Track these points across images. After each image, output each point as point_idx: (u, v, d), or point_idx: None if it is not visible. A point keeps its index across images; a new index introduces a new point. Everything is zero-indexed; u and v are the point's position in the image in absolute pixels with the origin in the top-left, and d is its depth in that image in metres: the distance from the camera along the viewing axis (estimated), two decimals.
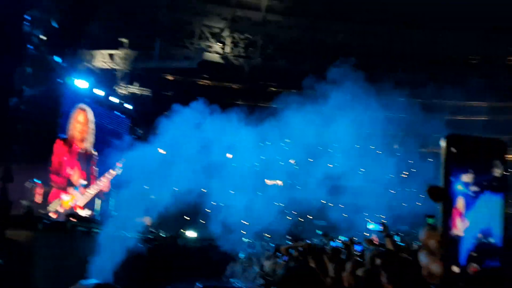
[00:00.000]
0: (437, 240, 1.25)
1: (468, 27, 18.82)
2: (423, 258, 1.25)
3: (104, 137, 15.13)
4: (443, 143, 1.29)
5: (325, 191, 9.40)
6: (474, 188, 1.22)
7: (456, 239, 1.30)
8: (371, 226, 5.21)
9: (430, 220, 3.66)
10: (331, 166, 9.72)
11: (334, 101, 9.05)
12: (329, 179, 9.46)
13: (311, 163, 9.79)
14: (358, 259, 5.18)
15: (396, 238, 6.29)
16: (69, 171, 13.39)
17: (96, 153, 14.40)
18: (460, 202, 1.27)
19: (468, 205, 1.22)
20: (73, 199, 13.34)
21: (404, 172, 10.69)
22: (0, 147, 8.93)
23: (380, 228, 5.02)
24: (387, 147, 9.91)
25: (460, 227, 1.23)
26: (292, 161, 10.68)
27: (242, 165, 9.89)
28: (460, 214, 1.24)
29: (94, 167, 14.24)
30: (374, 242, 5.51)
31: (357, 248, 6.05)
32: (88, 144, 14.37)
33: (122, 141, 15.16)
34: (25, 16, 12.80)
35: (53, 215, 11.81)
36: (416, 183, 9.95)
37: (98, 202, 14.12)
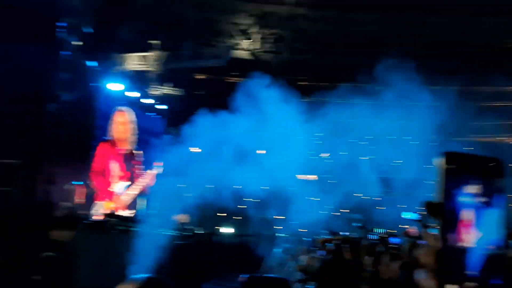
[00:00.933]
0: (434, 256, 1.27)
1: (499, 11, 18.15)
2: (421, 275, 1.27)
3: (143, 138, 15.55)
4: (440, 160, 1.33)
5: (361, 184, 9.31)
6: (481, 199, 1.24)
7: (457, 254, 1.31)
8: (407, 215, 5.13)
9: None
10: (366, 158, 9.61)
11: (368, 93, 8.96)
12: (365, 172, 9.35)
13: (344, 156, 9.70)
14: (395, 251, 5.11)
15: (434, 231, 6.17)
16: (112, 172, 13.88)
17: (139, 152, 14.90)
18: (467, 214, 1.28)
19: (479, 216, 1.24)
20: (116, 201, 13.80)
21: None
22: (41, 151, 9.27)
23: (417, 217, 4.94)
24: (424, 137, 9.71)
25: (468, 239, 1.24)
26: (325, 155, 10.61)
27: (276, 160, 9.89)
28: (468, 226, 1.26)
29: (137, 167, 14.72)
30: (410, 234, 5.43)
31: (395, 240, 5.97)
32: (130, 144, 14.87)
33: (159, 140, 15.46)
34: (60, 23, 13.20)
35: (96, 217, 12.22)
36: None
37: (140, 202, 14.53)
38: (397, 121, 9.30)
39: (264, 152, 10.05)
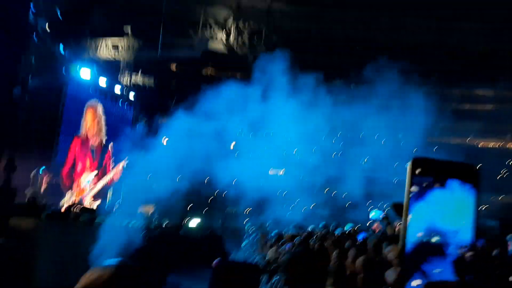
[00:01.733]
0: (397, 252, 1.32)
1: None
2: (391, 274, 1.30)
3: (111, 128, 15.35)
4: (409, 165, 1.39)
5: (330, 179, 9.37)
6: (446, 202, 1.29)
7: (421, 251, 1.37)
8: (372, 214, 5.18)
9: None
10: (336, 154, 9.69)
11: (344, 93, 9.04)
12: (334, 168, 9.42)
13: (314, 151, 9.74)
14: (361, 247, 5.14)
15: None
16: (82, 164, 13.83)
17: (108, 144, 14.79)
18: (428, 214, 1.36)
19: (443, 216, 1.31)
20: (83, 192, 13.73)
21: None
22: (4, 136, 8.94)
23: (382, 216, 4.99)
24: (390, 136, 9.86)
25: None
26: (295, 150, 10.64)
27: (245, 154, 9.87)
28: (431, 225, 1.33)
29: (107, 158, 14.65)
30: (376, 230, 5.49)
31: (362, 235, 6.02)
32: (101, 137, 14.80)
33: (128, 131, 15.28)
34: (30, 7, 12.75)
35: (62, 207, 12.04)
36: None
37: (109, 193, 14.41)
38: (375, 121, 9.41)
39: (234, 144, 10.01)
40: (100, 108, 15.58)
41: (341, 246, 5.21)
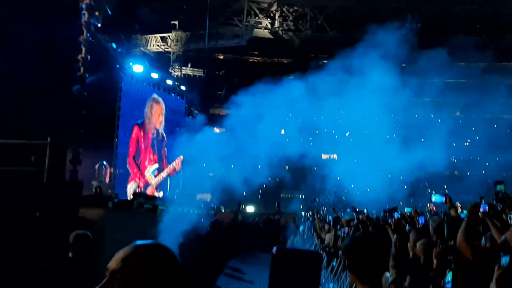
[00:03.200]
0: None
1: None
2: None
3: (167, 121, 15.93)
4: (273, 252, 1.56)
5: (385, 163, 9.25)
6: None
7: None
8: (434, 198, 5.06)
9: (499, 187, 3.52)
10: (389, 137, 9.52)
11: (388, 70, 8.82)
12: (389, 151, 9.28)
13: (367, 135, 9.63)
14: (422, 230, 5.09)
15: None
16: (144, 155, 14.54)
17: (166, 136, 15.42)
18: None
19: None
20: (149, 181, 14.45)
21: (468, 140, 10.27)
22: (68, 132, 9.45)
23: (443, 199, 4.90)
24: (449, 115, 9.55)
25: None
26: (347, 134, 10.56)
27: (297, 141, 9.90)
28: None
29: (165, 149, 15.29)
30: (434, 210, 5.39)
31: (421, 220, 5.94)
32: (161, 130, 15.47)
33: (183, 123, 15.71)
34: (81, 5, 13.26)
35: (130, 195, 12.71)
36: (480, 150, 9.57)
37: (169, 183, 15.05)
38: (420, 98, 9.13)
39: (284, 132, 10.06)
40: (161, 102, 16.25)
41: (400, 229, 5.18)
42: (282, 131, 10.40)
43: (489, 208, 3.23)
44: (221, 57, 22.12)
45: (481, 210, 3.29)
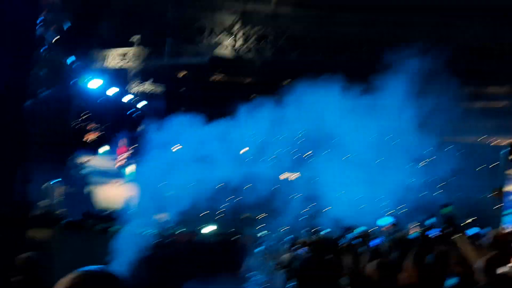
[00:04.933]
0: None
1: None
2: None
3: (121, 138, 15.66)
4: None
5: (338, 183, 9.37)
6: None
7: None
8: (381, 221, 5.14)
9: (444, 210, 3.63)
10: (346, 157, 9.67)
11: (352, 94, 9.06)
12: (344, 171, 9.42)
13: (325, 155, 9.74)
14: (375, 251, 5.15)
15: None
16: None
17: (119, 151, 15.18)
18: None
19: None
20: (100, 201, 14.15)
21: (420, 162, 10.57)
22: (17, 149, 9.07)
23: (392, 222, 4.99)
24: (402, 139, 9.80)
25: None
26: (308, 153, 10.65)
27: (259, 159, 9.90)
28: None
29: (120, 166, 15.07)
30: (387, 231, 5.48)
31: (375, 242, 5.99)
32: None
33: (139, 140, 15.45)
34: (38, 20, 12.95)
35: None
36: (432, 173, 9.85)
37: (123, 202, 14.75)
38: (381, 121, 9.37)
39: (246, 150, 10.05)
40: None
41: (354, 251, 5.23)
42: (242, 151, 10.39)
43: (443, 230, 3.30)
44: (182, 74, 22.03)
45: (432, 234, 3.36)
